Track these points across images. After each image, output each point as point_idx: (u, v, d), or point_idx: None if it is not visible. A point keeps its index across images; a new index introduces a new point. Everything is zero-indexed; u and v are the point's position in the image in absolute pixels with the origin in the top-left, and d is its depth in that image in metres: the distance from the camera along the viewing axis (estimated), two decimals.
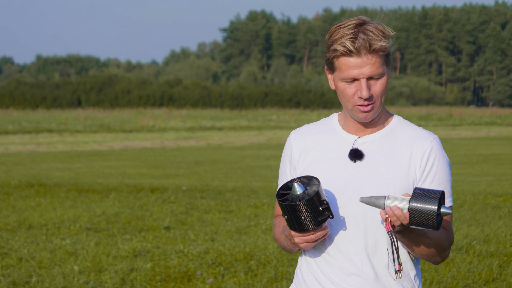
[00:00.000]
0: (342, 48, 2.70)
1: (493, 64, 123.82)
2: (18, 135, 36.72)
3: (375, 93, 2.74)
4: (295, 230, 2.69)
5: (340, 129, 2.89)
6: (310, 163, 2.87)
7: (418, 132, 2.85)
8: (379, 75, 2.73)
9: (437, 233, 2.77)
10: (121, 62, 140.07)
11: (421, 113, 64.05)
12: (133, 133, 39.86)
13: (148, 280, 7.27)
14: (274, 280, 7.23)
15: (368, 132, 2.85)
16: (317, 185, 2.67)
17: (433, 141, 2.83)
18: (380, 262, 2.81)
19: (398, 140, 2.84)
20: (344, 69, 2.73)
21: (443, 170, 2.82)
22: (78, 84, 74.43)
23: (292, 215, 2.66)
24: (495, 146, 29.08)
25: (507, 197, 12.24)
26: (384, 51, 2.71)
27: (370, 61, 2.70)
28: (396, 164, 2.80)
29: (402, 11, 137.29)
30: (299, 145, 2.92)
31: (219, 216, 10.92)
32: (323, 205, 2.66)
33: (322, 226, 2.70)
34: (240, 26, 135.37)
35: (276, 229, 2.96)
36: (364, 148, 2.83)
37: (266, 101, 75.80)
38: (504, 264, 7.69)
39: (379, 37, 2.70)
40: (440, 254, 2.81)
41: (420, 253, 2.79)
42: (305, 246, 2.73)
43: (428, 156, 2.80)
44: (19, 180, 15.25)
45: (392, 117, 2.90)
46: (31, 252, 8.50)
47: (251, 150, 27.46)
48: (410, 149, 2.81)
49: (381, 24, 2.75)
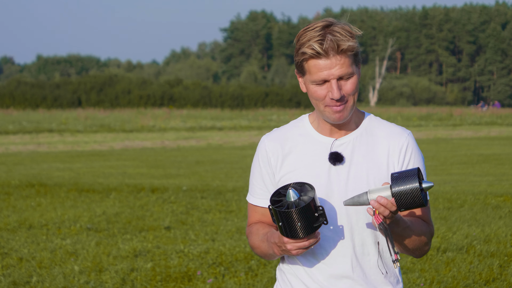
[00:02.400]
0: (310, 51, 2.71)
1: (494, 64, 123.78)
2: (18, 135, 36.72)
3: (347, 92, 2.75)
4: (288, 236, 2.65)
5: (314, 132, 2.88)
6: (290, 170, 2.85)
7: (392, 129, 2.88)
8: (349, 75, 2.74)
9: (419, 226, 2.81)
10: (121, 62, 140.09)
11: (421, 113, 64.02)
12: (134, 133, 39.86)
13: (148, 280, 7.27)
14: (274, 280, 7.23)
15: (343, 133, 2.86)
16: (311, 191, 2.65)
17: (407, 136, 2.86)
18: (368, 262, 2.83)
19: (374, 139, 2.86)
20: (314, 72, 2.73)
21: (418, 164, 2.86)
22: (79, 84, 74.43)
23: (286, 221, 2.62)
24: (496, 146, 29.07)
25: (507, 197, 12.24)
26: (352, 51, 2.72)
27: (339, 61, 2.71)
28: (376, 163, 2.82)
29: (402, 11, 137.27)
30: (275, 150, 2.89)
31: (220, 216, 10.92)
32: (319, 211, 2.63)
33: (315, 232, 2.68)
34: (240, 26, 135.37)
35: (254, 237, 2.91)
36: (342, 150, 2.84)
37: (267, 101, 75.81)
38: (505, 264, 7.69)
39: (346, 37, 2.71)
40: (423, 247, 2.85)
41: (405, 248, 2.82)
42: (297, 253, 2.71)
43: (405, 152, 2.84)
44: (19, 180, 15.25)
45: (364, 115, 2.91)
46: (32, 252, 8.50)
47: (252, 150, 27.46)
48: (387, 147, 2.84)
49: (348, 24, 2.76)
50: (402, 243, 2.80)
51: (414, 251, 2.84)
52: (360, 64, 2.80)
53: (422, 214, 2.88)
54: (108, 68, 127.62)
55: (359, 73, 2.79)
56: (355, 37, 2.74)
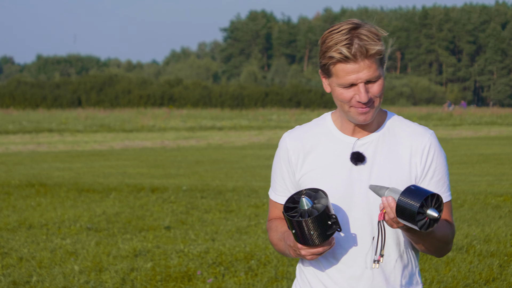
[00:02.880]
0: (338, 55, 2.68)
1: (494, 64, 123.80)
2: (18, 134, 36.72)
3: (373, 95, 2.74)
4: (302, 243, 2.66)
5: (336, 131, 2.87)
6: (311, 168, 2.84)
7: (415, 128, 2.86)
8: (376, 78, 2.72)
9: (443, 227, 2.78)
10: (121, 62, 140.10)
11: (421, 113, 64.05)
12: (134, 133, 39.86)
13: (148, 280, 7.27)
14: (275, 279, 7.23)
15: (365, 133, 2.84)
16: (325, 198, 2.64)
17: (430, 136, 2.84)
18: (389, 263, 2.82)
19: (396, 139, 2.84)
20: (342, 75, 2.71)
21: (441, 165, 2.84)
22: (79, 84, 74.45)
23: (299, 230, 2.62)
24: (496, 145, 29.07)
25: (507, 197, 12.24)
26: (380, 54, 2.71)
27: (366, 65, 2.69)
28: (398, 164, 2.80)
29: (402, 11, 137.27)
30: (296, 148, 2.88)
31: (220, 216, 10.92)
32: (332, 219, 2.63)
33: (329, 239, 2.68)
34: (240, 26, 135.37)
35: (273, 233, 2.92)
36: (364, 150, 2.82)
37: (267, 101, 75.80)
38: (505, 263, 7.69)
39: (374, 41, 2.69)
40: (445, 247, 2.83)
41: (427, 248, 2.80)
42: (311, 258, 2.70)
43: (427, 152, 2.81)
44: (19, 180, 15.25)
45: (386, 115, 2.89)
46: (32, 251, 8.50)
47: (252, 150, 27.45)
48: (409, 147, 2.82)
49: (374, 26, 2.73)
50: (425, 245, 2.78)
51: (436, 251, 2.83)
52: (385, 64, 2.79)
53: (445, 214, 2.86)
54: (108, 68, 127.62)
55: (384, 74, 2.77)
56: (381, 38, 2.73)
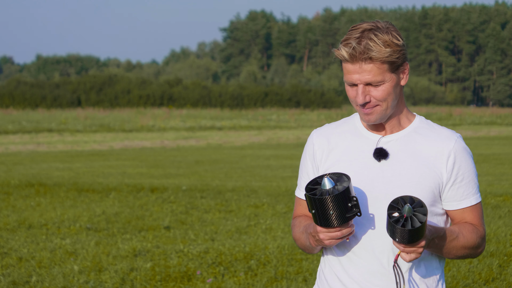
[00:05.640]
0: (339, 54, 2.73)
1: (493, 64, 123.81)
2: (18, 134, 36.72)
3: (376, 98, 2.74)
4: (321, 225, 2.66)
5: (362, 128, 2.88)
6: (334, 163, 2.86)
7: (442, 132, 2.85)
8: (378, 83, 2.72)
9: (468, 233, 2.79)
10: (121, 62, 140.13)
11: (421, 113, 63.96)
12: (133, 132, 39.86)
13: (148, 280, 7.27)
14: (274, 279, 7.23)
15: (390, 132, 2.85)
16: (347, 181, 2.66)
17: (457, 140, 2.82)
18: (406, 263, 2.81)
19: (422, 140, 2.83)
20: (346, 73, 2.75)
21: (468, 168, 2.82)
22: (78, 84, 74.44)
23: (320, 209, 2.63)
24: (495, 145, 29.09)
25: (507, 197, 12.25)
26: (383, 60, 2.69)
27: (368, 69, 2.70)
28: (421, 163, 2.79)
29: (402, 10, 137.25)
30: (321, 144, 2.91)
31: (219, 216, 10.92)
32: (352, 201, 2.64)
33: (348, 223, 2.68)
34: (240, 26, 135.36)
35: (296, 229, 2.93)
36: (388, 147, 2.82)
37: (266, 100, 75.80)
38: (504, 263, 7.69)
39: (379, 46, 2.68)
40: (474, 251, 2.83)
41: (456, 256, 2.81)
42: (330, 243, 2.70)
43: (454, 157, 2.80)
44: (19, 179, 15.25)
45: (414, 117, 2.89)
46: (31, 251, 8.50)
47: (251, 149, 27.46)
48: (434, 149, 2.81)
49: (390, 32, 2.72)
50: (453, 253, 2.79)
51: (464, 257, 2.84)
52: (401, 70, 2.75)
53: (473, 217, 2.85)
54: (108, 68, 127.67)
55: (397, 79, 2.75)
56: (394, 45, 2.70)
